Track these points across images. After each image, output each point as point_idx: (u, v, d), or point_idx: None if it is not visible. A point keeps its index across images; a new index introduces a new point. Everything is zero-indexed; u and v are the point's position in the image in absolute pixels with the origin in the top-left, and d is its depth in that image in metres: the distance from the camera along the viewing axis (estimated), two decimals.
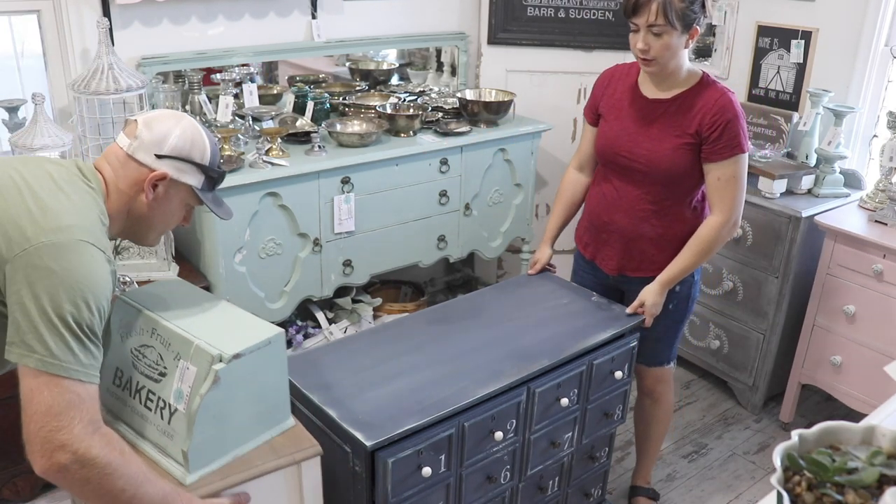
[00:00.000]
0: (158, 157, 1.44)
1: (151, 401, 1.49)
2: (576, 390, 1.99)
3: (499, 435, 1.80)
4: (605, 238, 2.20)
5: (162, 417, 1.47)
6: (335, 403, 1.66)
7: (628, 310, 2.12)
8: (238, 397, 1.47)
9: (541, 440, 1.96)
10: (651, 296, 2.11)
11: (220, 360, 1.41)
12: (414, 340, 1.96)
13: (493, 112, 3.08)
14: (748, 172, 2.87)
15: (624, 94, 2.13)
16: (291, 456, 1.54)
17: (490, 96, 3.16)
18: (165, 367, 1.47)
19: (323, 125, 2.83)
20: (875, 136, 2.98)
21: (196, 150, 1.48)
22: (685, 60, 2.02)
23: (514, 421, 1.85)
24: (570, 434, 2.05)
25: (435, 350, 1.91)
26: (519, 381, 1.82)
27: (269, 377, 1.53)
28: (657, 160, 2.04)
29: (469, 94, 3.15)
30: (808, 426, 0.97)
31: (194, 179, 1.49)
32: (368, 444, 1.55)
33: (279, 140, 2.62)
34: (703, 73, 2.06)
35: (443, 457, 1.70)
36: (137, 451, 1.50)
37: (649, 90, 2.08)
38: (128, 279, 2.31)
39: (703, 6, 1.94)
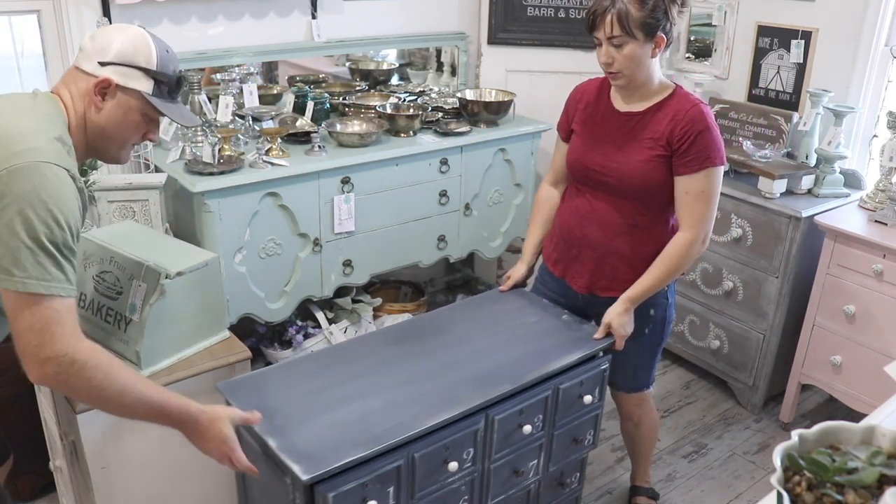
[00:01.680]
0: (102, 64, 1.47)
1: (111, 315, 1.82)
2: (540, 416, 1.87)
3: (453, 465, 1.70)
4: (575, 254, 2.12)
5: (119, 328, 1.80)
6: (276, 432, 1.56)
7: (596, 335, 2.01)
8: (181, 309, 1.81)
9: (502, 469, 1.85)
10: (616, 317, 2.00)
11: (166, 277, 1.74)
12: (369, 362, 1.85)
13: (493, 112, 3.08)
14: (748, 172, 2.92)
15: (596, 109, 2.07)
16: (226, 358, 1.89)
17: (490, 96, 3.16)
18: (121, 287, 1.80)
19: (323, 125, 2.83)
20: (875, 136, 2.98)
21: (141, 55, 1.49)
22: (655, 72, 1.96)
23: (472, 450, 1.74)
24: (535, 462, 1.94)
25: (390, 373, 1.80)
26: (476, 408, 1.71)
27: (207, 293, 1.88)
28: (629, 173, 1.97)
29: (469, 94, 3.15)
30: (808, 426, 0.97)
31: (142, 85, 1.50)
32: (305, 477, 1.45)
33: (279, 140, 2.62)
34: (677, 85, 2.00)
35: (391, 489, 1.60)
36: None
37: (621, 103, 2.03)
38: None
39: (667, 13, 1.87)
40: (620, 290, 2.05)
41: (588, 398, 1.98)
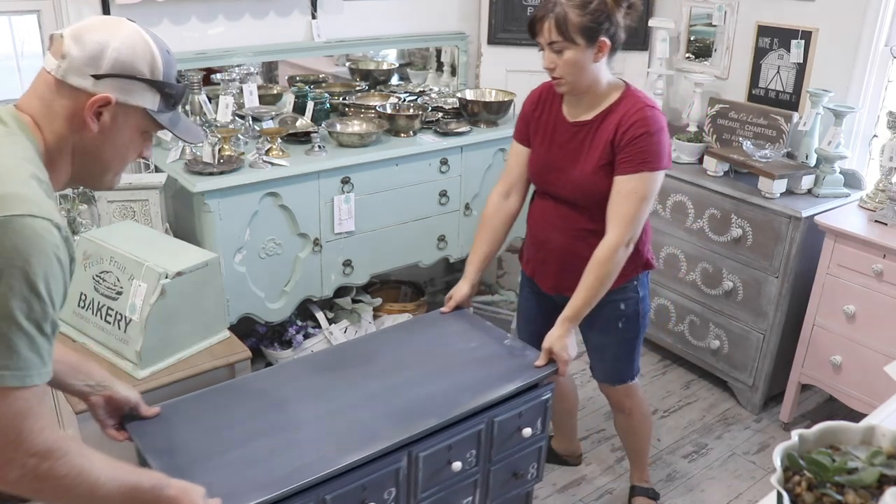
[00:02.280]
0: (97, 77, 1.16)
1: (111, 315, 1.84)
2: (473, 451, 1.73)
3: None
4: (542, 256, 2.11)
5: (119, 328, 1.82)
6: (175, 472, 1.38)
7: (537, 363, 1.89)
8: (181, 309, 1.82)
9: None
10: (556, 340, 1.89)
11: (166, 277, 1.76)
12: (287, 393, 1.71)
13: (493, 112, 3.08)
14: (748, 172, 2.92)
15: (549, 119, 2.04)
16: (226, 358, 1.90)
17: (490, 96, 3.17)
18: (122, 287, 1.82)
19: (323, 125, 2.83)
20: (875, 136, 2.98)
21: (142, 62, 1.19)
22: (602, 75, 1.90)
23: (394, 489, 1.61)
24: (469, 499, 1.81)
25: (307, 406, 1.66)
26: (396, 445, 1.57)
27: (207, 293, 1.89)
28: (580, 184, 1.95)
29: (469, 94, 3.15)
30: (808, 426, 0.97)
31: (147, 100, 1.21)
32: None
33: (279, 140, 2.62)
34: (626, 85, 1.95)
35: None
36: (98, 359, 1.83)
37: (571, 113, 1.99)
38: None
39: (610, 17, 1.82)
40: None
41: (528, 431, 1.83)
